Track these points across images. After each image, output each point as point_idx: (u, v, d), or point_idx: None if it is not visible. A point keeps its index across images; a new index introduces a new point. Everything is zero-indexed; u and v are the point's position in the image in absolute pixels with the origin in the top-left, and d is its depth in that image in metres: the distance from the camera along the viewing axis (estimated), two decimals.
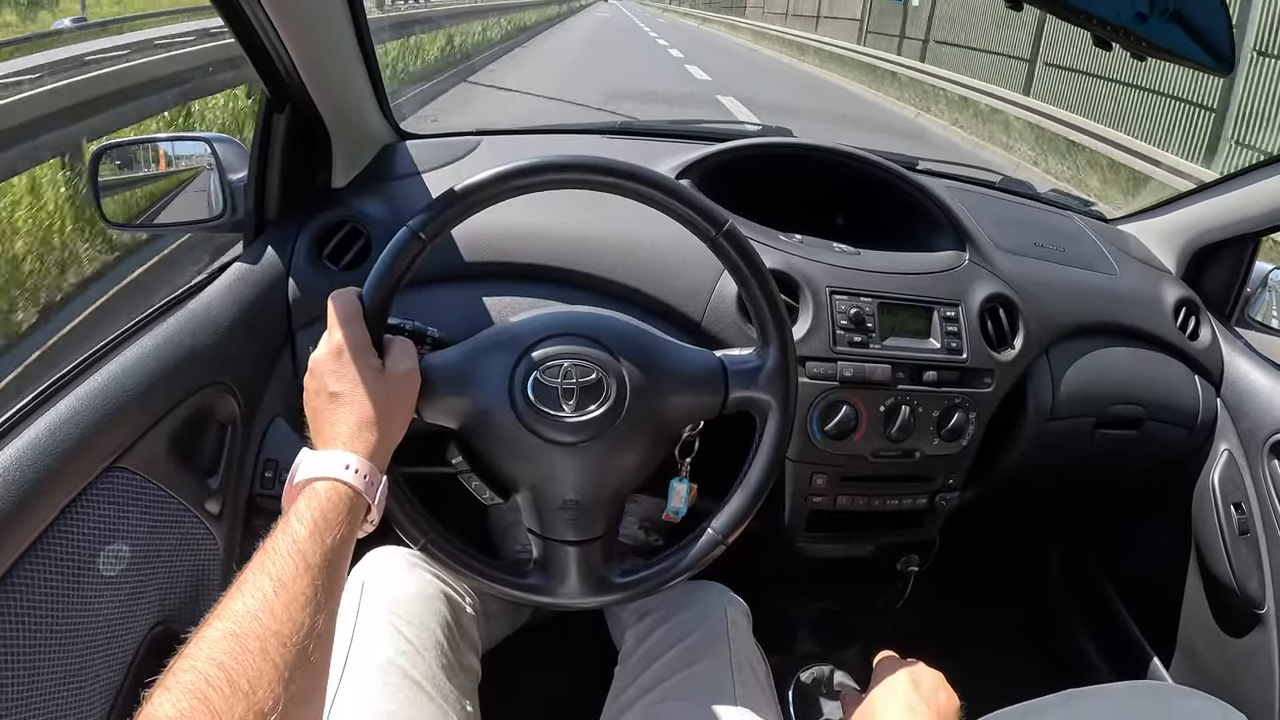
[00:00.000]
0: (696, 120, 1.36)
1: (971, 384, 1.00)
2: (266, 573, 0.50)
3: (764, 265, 0.74)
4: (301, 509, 0.54)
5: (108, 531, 0.69)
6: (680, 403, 0.73)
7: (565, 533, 0.72)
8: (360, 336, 0.65)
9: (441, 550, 0.71)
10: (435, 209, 0.68)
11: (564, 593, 0.74)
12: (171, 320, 0.84)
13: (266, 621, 0.47)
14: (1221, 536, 1.16)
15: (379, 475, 0.60)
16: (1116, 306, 1.16)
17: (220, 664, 0.44)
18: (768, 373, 0.74)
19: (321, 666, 0.50)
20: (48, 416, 0.67)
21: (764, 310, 0.74)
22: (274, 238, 0.97)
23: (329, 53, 0.91)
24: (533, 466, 0.71)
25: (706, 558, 0.74)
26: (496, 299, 0.94)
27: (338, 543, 0.54)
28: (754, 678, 0.82)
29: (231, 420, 0.88)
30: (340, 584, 0.54)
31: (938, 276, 1.03)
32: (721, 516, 0.73)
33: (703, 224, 0.72)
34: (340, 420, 0.61)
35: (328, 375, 0.63)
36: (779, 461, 0.75)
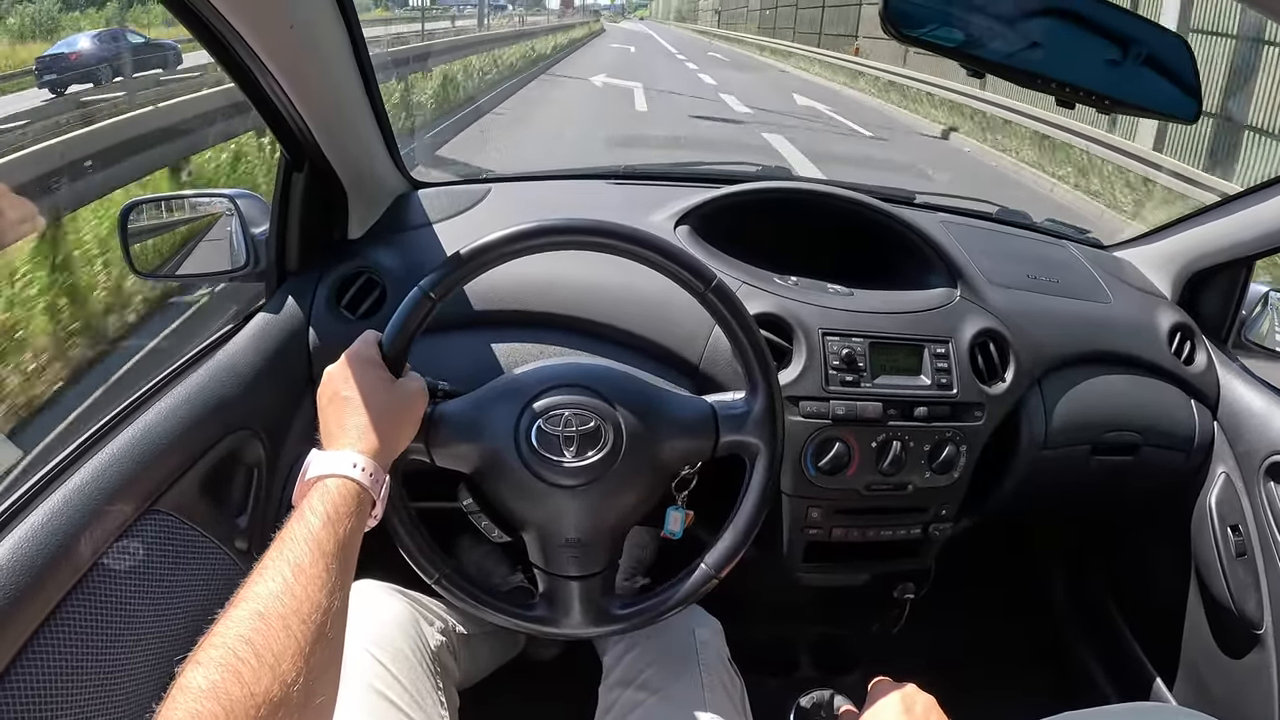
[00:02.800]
0: (696, 162, 1.40)
1: (962, 418, 1.03)
2: (285, 559, 0.54)
3: (750, 318, 0.79)
4: (314, 502, 0.59)
5: (145, 569, 0.75)
6: (674, 446, 0.79)
7: (568, 568, 0.78)
8: (372, 353, 0.72)
9: (455, 585, 0.77)
10: (444, 270, 0.75)
11: (567, 624, 0.79)
12: (201, 370, 0.90)
13: (288, 602, 0.51)
14: (1219, 558, 1.17)
15: (383, 474, 0.64)
16: (1110, 335, 1.19)
17: (248, 640, 0.48)
18: (755, 418, 0.79)
19: (338, 642, 0.54)
20: (91, 463, 0.72)
21: (751, 359, 0.79)
22: (294, 288, 1.02)
23: (341, 115, 0.96)
24: (537, 508, 0.77)
25: (700, 590, 0.79)
26: (503, 345, 0.98)
27: (348, 532, 0.58)
28: (727, 698, 0.86)
29: (258, 463, 0.93)
30: (351, 569, 0.59)
31: (928, 315, 1.06)
32: (714, 552, 0.79)
33: (693, 281, 0.77)
34: (348, 422, 0.66)
35: (338, 381, 0.69)
36: (768, 500, 0.80)
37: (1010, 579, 1.60)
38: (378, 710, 0.78)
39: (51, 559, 0.65)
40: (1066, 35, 0.81)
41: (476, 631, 1.00)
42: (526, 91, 12.77)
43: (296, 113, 0.89)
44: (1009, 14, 0.79)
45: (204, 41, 0.78)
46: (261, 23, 0.76)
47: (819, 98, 12.95)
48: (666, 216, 1.10)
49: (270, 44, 0.78)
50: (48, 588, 0.64)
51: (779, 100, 12.43)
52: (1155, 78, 0.85)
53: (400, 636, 0.85)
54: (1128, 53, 0.84)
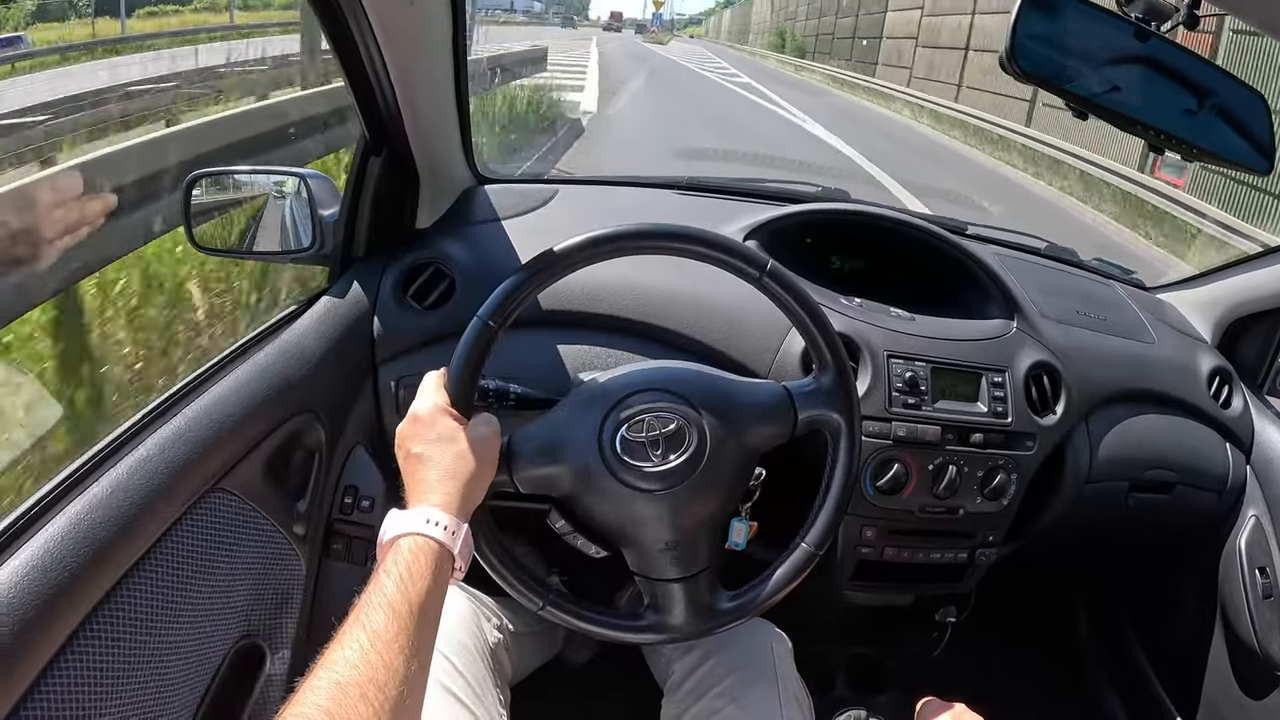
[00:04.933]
0: (759, 179, 1.41)
1: (1014, 446, 1.05)
2: (362, 625, 0.54)
3: (811, 297, 0.79)
4: (389, 565, 0.59)
5: (208, 548, 0.74)
6: (755, 433, 0.79)
7: (669, 571, 0.77)
8: (436, 403, 0.70)
9: (562, 610, 0.76)
10: (500, 297, 0.73)
11: (678, 626, 0.78)
12: (268, 349, 0.89)
13: (364, 670, 0.51)
14: (1246, 600, 1.20)
15: (460, 525, 0.63)
16: (1153, 374, 1.21)
17: (326, 710, 0.48)
18: (829, 392, 0.79)
19: (415, 707, 0.54)
20: (157, 435, 0.72)
21: (817, 337, 0.79)
22: (360, 274, 1.02)
23: (430, 99, 0.96)
24: (629, 516, 0.76)
25: (804, 571, 0.79)
26: (574, 348, 0.99)
27: (425, 593, 0.58)
28: (799, 711, 0.87)
29: (319, 447, 0.93)
30: (432, 631, 0.58)
31: (987, 344, 1.08)
32: (812, 531, 0.79)
33: (746, 269, 0.77)
34: (421, 477, 0.65)
35: (408, 440, 0.68)
36: (855, 473, 0.80)
37: (1039, 610, 1.62)
38: (445, 705, 0.78)
39: (120, 530, 0.64)
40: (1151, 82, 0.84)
41: (525, 630, 1.01)
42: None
43: (392, 91, 0.89)
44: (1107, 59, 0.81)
45: (321, 11, 0.79)
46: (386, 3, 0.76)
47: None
48: (736, 230, 1.10)
49: (388, 19, 0.79)
50: (115, 560, 0.64)
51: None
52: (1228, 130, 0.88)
53: (464, 632, 0.85)
54: (1203, 103, 0.87)
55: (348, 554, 0.96)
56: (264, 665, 0.83)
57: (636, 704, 0.96)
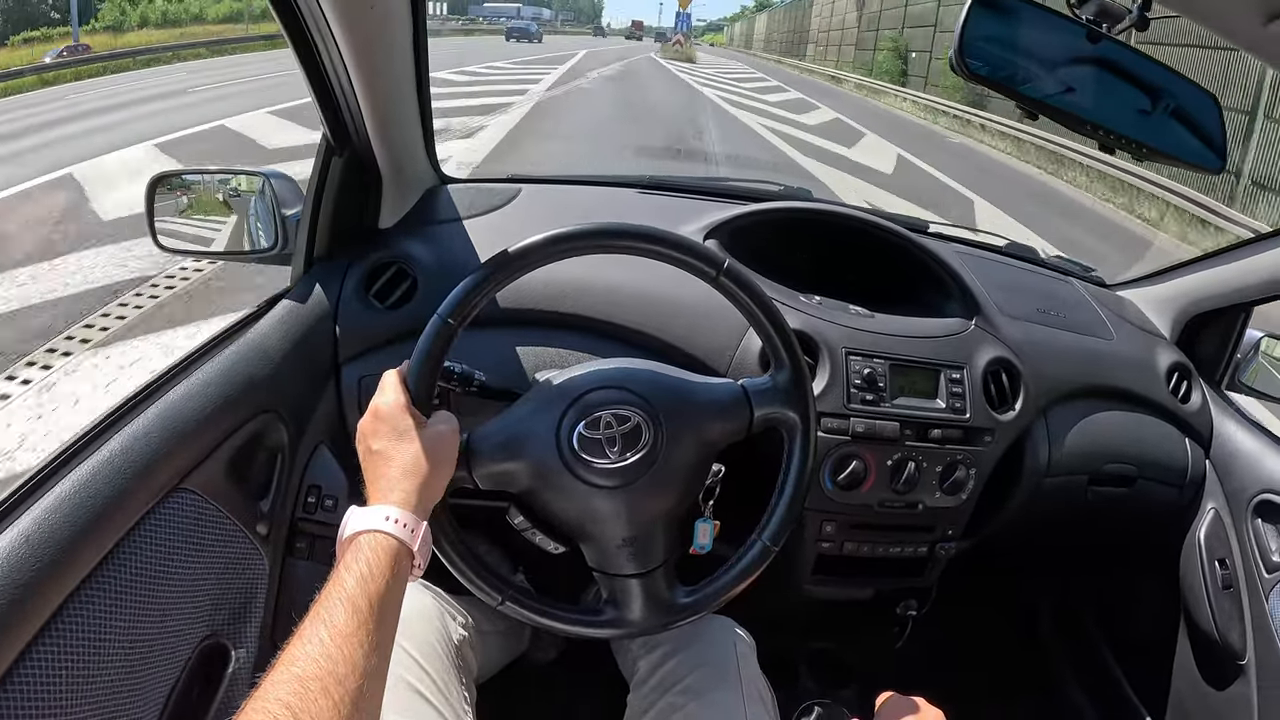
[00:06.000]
0: (722, 179, 1.42)
1: (973, 442, 1.06)
2: (323, 621, 0.55)
3: (766, 296, 0.80)
4: (349, 561, 0.59)
5: (171, 547, 0.74)
6: (712, 429, 0.80)
7: (626, 567, 0.78)
8: (397, 400, 0.70)
9: (521, 605, 0.76)
10: (459, 295, 0.74)
11: (635, 621, 0.79)
12: (231, 349, 0.89)
13: (324, 664, 0.52)
14: (1206, 591, 1.22)
15: (419, 522, 0.64)
16: (1112, 370, 1.23)
17: (287, 704, 0.49)
18: (785, 390, 0.81)
19: (375, 701, 0.55)
20: (120, 436, 0.72)
21: (773, 336, 0.81)
22: (323, 274, 1.02)
23: (392, 100, 0.96)
24: (587, 512, 0.77)
25: (760, 566, 0.80)
26: (536, 347, 0.99)
27: (385, 589, 0.58)
28: (762, 706, 0.88)
29: (281, 447, 0.93)
30: (392, 626, 0.59)
31: (945, 341, 1.09)
32: (769, 527, 0.80)
33: (703, 267, 0.78)
34: (381, 474, 0.66)
35: (368, 436, 0.69)
36: (811, 469, 0.81)
37: (1003, 603, 1.63)
38: (409, 703, 0.78)
39: (81, 531, 0.64)
40: (1104, 83, 0.85)
41: (491, 629, 1.01)
42: None
43: (352, 93, 0.89)
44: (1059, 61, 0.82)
45: (280, 12, 0.79)
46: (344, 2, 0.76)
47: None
48: (696, 229, 1.11)
49: (349, 21, 0.79)
50: (77, 561, 0.64)
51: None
52: (1182, 130, 0.89)
53: (428, 630, 0.86)
54: (1157, 104, 0.88)
55: (311, 553, 0.97)
56: (229, 664, 0.83)
57: (604, 700, 0.97)
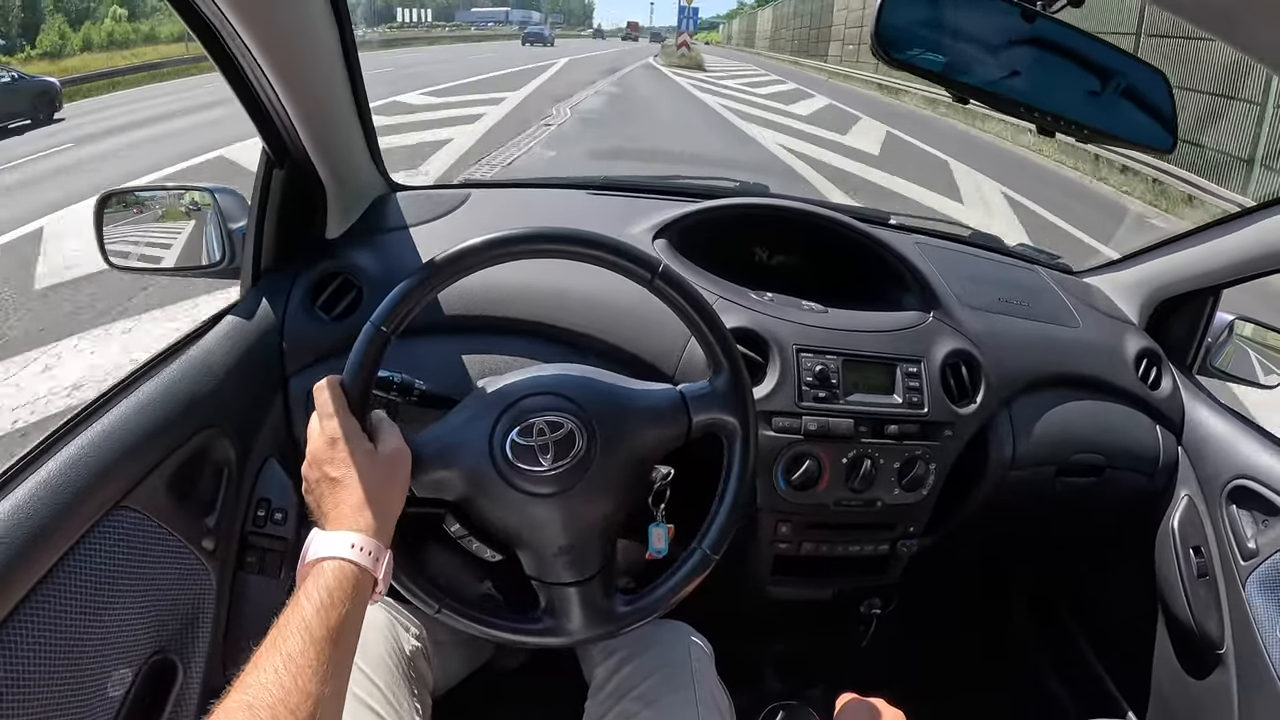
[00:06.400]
0: (675, 176, 1.40)
1: (932, 436, 1.05)
2: (278, 649, 0.54)
3: (703, 299, 0.79)
4: (310, 588, 0.59)
5: (112, 566, 0.74)
6: (648, 436, 0.79)
7: (564, 575, 0.77)
8: (350, 424, 0.69)
9: (456, 613, 0.76)
10: (392, 303, 0.73)
11: (572, 631, 0.78)
12: (174, 366, 0.89)
13: (276, 693, 0.52)
14: (1181, 579, 1.20)
15: (383, 550, 0.64)
16: (1078, 358, 1.21)
17: None
18: (724, 395, 0.79)
19: None
20: (59, 457, 0.72)
21: (710, 339, 0.80)
22: (269, 286, 1.01)
23: (327, 113, 0.96)
24: (524, 520, 0.76)
25: (700, 574, 0.79)
26: (479, 354, 0.98)
27: (344, 617, 0.58)
28: (717, 712, 0.87)
29: (227, 462, 0.92)
30: (349, 654, 0.59)
31: (902, 334, 1.07)
32: (709, 535, 0.79)
33: (638, 271, 0.77)
34: (342, 502, 0.66)
35: (325, 463, 0.68)
36: (750, 474, 0.80)
37: (975, 599, 1.61)
38: (355, 714, 0.77)
39: (16, 554, 0.64)
40: (1049, 65, 0.83)
41: (448, 639, 1.00)
42: None
43: (282, 107, 0.88)
44: (995, 43, 0.80)
45: (197, 32, 0.78)
46: (256, 15, 0.75)
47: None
48: (645, 229, 1.10)
49: (263, 37, 0.78)
50: (13, 582, 0.63)
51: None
52: (1133, 110, 0.87)
53: (379, 642, 0.85)
54: (1107, 84, 0.86)
55: (262, 566, 0.96)
56: (177, 679, 0.83)
57: (567, 707, 0.95)
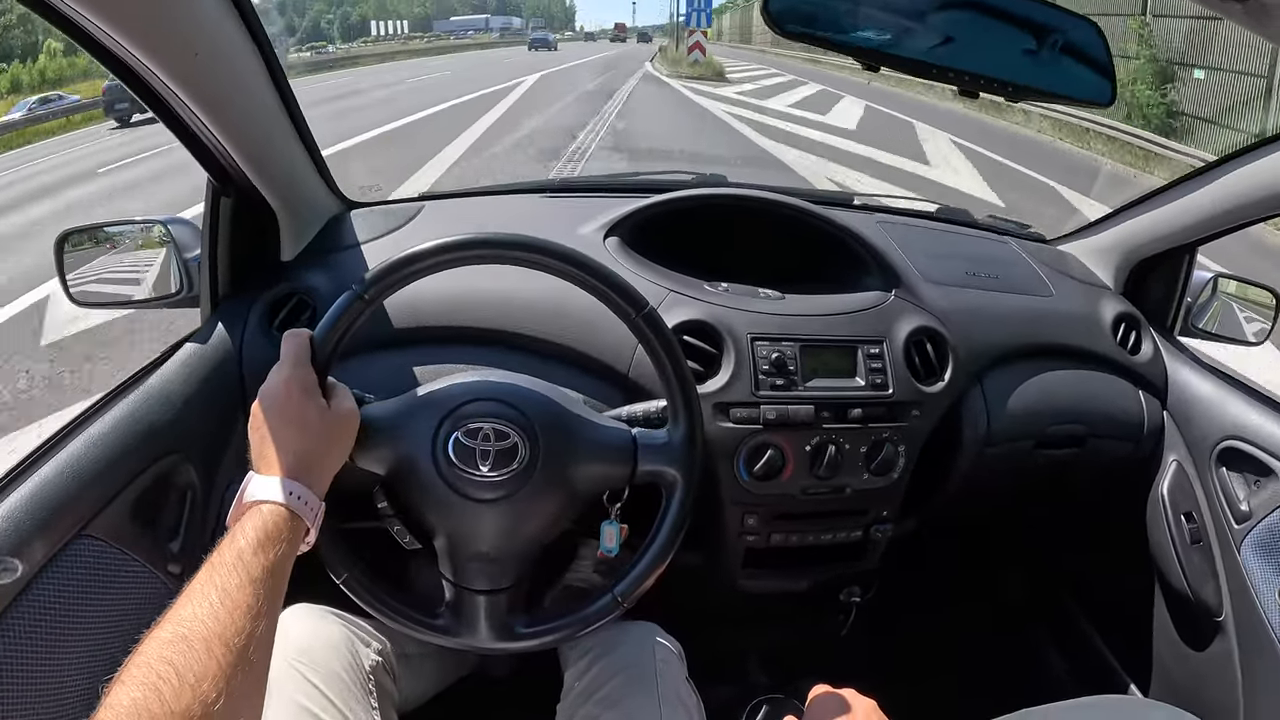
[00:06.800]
0: (633, 173, 1.39)
1: (899, 417, 1.03)
2: (214, 583, 0.55)
3: (678, 349, 0.80)
4: (247, 527, 0.60)
5: (75, 595, 0.75)
6: (591, 471, 0.79)
7: (476, 582, 0.78)
8: (308, 377, 0.71)
9: (360, 586, 0.77)
10: (379, 274, 0.75)
11: (471, 637, 0.79)
12: (132, 397, 0.90)
13: (211, 625, 0.53)
14: (1175, 547, 1.17)
15: (318, 501, 0.66)
16: (1052, 328, 1.18)
17: (169, 661, 0.50)
18: (674, 449, 0.79)
19: (261, 667, 0.55)
20: (20, 491, 0.73)
21: (675, 390, 0.80)
22: (227, 312, 1.02)
23: (263, 139, 0.96)
24: (449, 519, 0.77)
25: (605, 618, 0.79)
26: (427, 368, 0.98)
27: (279, 558, 0.60)
28: (684, 712, 0.85)
29: (191, 486, 0.93)
30: (281, 593, 0.60)
31: (861, 315, 1.06)
32: (624, 581, 0.79)
33: (624, 305, 0.78)
34: (286, 450, 0.67)
35: (276, 408, 0.69)
36: (681, 531, 0.80)
37: (967, 578, 1.59)
38: None
39: None
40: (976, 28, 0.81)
41: (418, 652, 0.99)
42: None
43: (216, 139, 0.89)
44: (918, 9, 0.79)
45: (120, 76, 0.78)
46: (166, 53, 0.75)
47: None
48: (595, 228, 1.10)
49: (179, 73, 0.78)
50: None
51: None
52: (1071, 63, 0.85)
53: (333, 657, 0.85)
54: (1043, 41, 0.84)
55: None
56: None
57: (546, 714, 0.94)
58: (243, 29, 0.84)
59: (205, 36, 0.79)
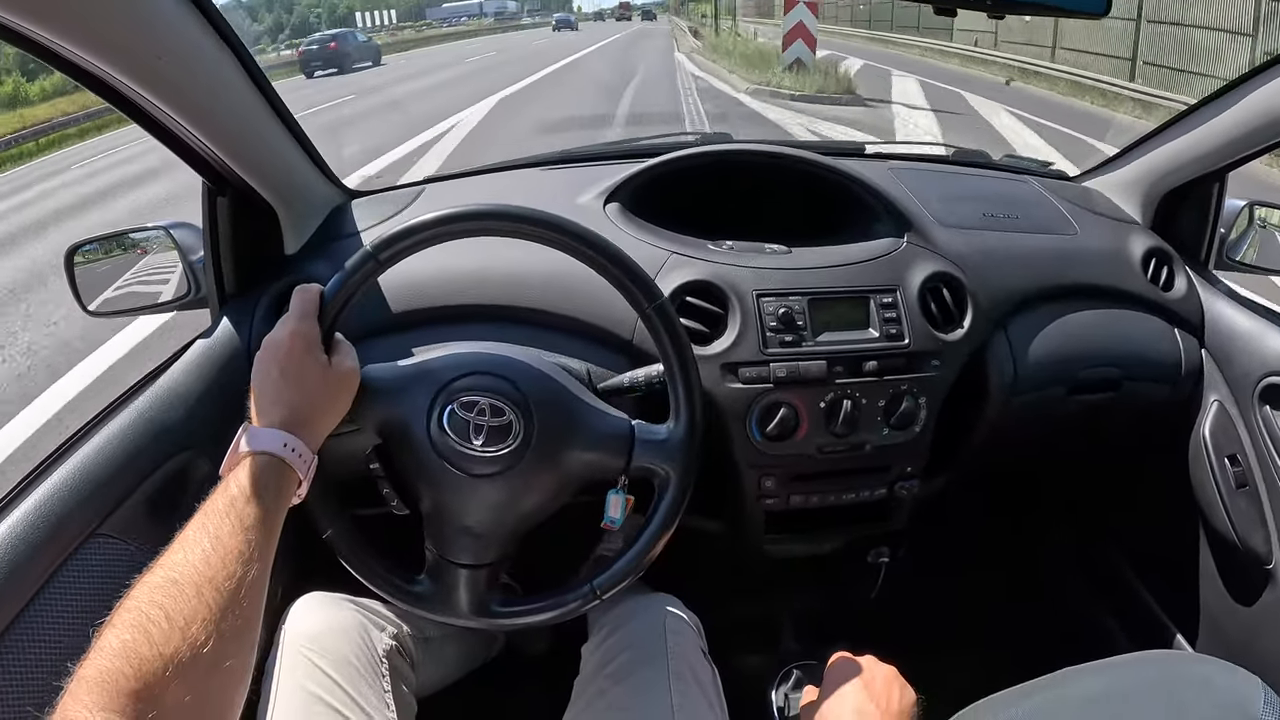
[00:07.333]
0: (635, 139, 1.36)
1: (918, 368, 0.99)
2: (206, 530, 0.57)
3: (688, 342, 0.78)
4: (241, 477, 0.61)
5: (91, 594, 0.76)
6: (584, 458, 0.78)
7: (458, 555, 0.77)
8: (313, 331, 0.72)
9: (343, 543, 0.77)
10: (395, 236, 0.74)
11: (447, 609, 0.78)
12: (143, 397, 0.90)
13: (202, 569, 0.53)
14: (1219, 492, 1.11)
15: (311, 454, 0.67)
16: (1079, 267, 1.13)
17: (159, 604, 0.50)
18: (672, 445, 0.78)
19: (252, 611, 0.56)
20: (35, 494, 0.74)
21: (679, 385, 0.78)
22: (235, 310, 1.03)
23: (248, 136, 0.95)
24: (437, 489, 0.76)
25: (580, 608, 0.78)
26: (429, 348, 0.97)
27: (271, 507, 0.61)
28: (696, 686, 0.84)
29: (204, 480, 0.93)
30: (273, 542, 0.61)
31: (872, 264, 1.02)
32: (604, 575, 0.78)
33: (638, 295, 0.77)
34: (283, 403, 0.67)
35: (278, 361, 0.70)
36: (669, 529, 0.78)
37: (1002, 535, 1.54)
38: (316, 713, 0.77)
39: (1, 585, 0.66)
40: None
41: (439, 635, 1.00)
42: None
43: (200, 141, 0.88)
44: None
45: (92, 88, 0.77)
46: (129, 61, 0.74)
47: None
48: (595, 195, 1.08)
49: (147, 79, 0.77)
50: None
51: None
52: None
53: (344, 643, 0.85)
54: None
55: None
56: None
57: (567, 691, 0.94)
58: (208, 28, 0.82)
59: (167, 39, 0.78)
